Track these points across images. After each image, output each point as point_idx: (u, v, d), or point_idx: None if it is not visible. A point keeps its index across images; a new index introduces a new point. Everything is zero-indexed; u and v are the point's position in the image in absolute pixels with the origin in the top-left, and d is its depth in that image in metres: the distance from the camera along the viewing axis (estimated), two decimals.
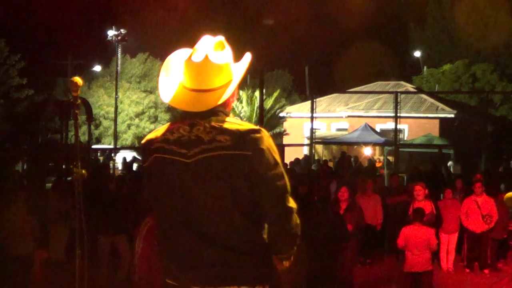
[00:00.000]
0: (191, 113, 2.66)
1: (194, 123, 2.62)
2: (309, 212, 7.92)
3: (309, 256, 7.31)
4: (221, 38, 2.72)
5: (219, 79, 2.66)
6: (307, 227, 7.48)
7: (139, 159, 27.97)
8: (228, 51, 2.71)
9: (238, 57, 2.79)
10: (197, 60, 2.63)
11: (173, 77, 2.76)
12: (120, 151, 31.42)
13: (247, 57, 2.76)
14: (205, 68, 2.63)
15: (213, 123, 2.60)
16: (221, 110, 2.66)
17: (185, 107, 2.68)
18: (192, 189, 2.55)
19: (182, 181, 2.57)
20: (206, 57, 2.62)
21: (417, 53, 44.63)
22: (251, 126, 2.62)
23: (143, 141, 2.75)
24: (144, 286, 5.99)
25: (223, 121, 2.61)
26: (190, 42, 2.79)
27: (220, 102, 2.63)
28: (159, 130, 2.72)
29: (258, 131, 2.59)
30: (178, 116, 2.74)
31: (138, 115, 38.79)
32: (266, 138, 2.59)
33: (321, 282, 7.65)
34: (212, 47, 2.66)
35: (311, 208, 8.16)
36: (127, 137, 38.21)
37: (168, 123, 2.75)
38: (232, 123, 2.62)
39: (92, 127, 31.32)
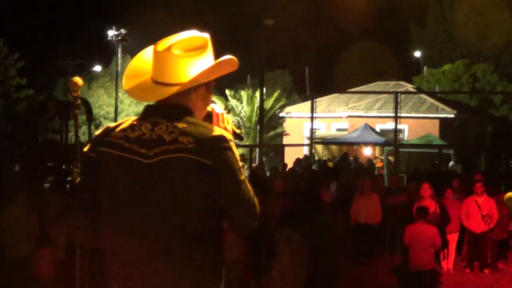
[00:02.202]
0: (154, 112, 2.53)
1: (156, 121, 2.48)
2: (311, 214, 7.94)
3: (310, 259, 7.32)
4: (204, 35, 2.57)
5: (180, 74, 2.50)
6: (311, 230, 7.52)
7: None
8: (203, 49, 2.54)
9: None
10: (159, 49, 2.51)
11: (146, 64, 2.63)
12: None
13: (225, 58, 2.56)
14: (166, 59, 2.50)
15: (176, 123, 2.45)
16: (186, 110, 2.52)
17: (136, 96, 2.59)
18: (150, 192, 2.41)
19: (139, 182, 2.42)
20: (169, 48, 2.49)
21: (417, 53, 44.63)
22: (216, 132, 2.47)
23: (98, 132, 2.59)
24: None
25: (188, 122, 2.46)
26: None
27: (171, 96, 2.48)
28: (119, 124, 2.56)
29: (222, 140, 2.44)
30: (142, 112, 2.59)
31: (138, 115, 38.79)
32: (232, 148, 2.46)
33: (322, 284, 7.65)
34: (182, 40, 2.52)
35: (313, 210, 8.18)
36: None
37: (130, 118, 2.59)
38: (197, 125, 2.46)
39: (92, 127, 31.29)
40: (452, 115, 28.87)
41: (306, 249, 7.70)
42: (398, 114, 20.08)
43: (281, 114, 33.72)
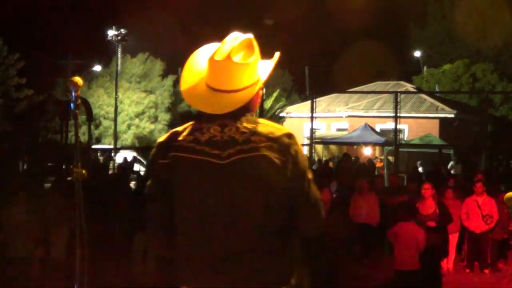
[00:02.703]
0: (218, 115, 2.56)
1: (224, 123, 2.53)
2: None
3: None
4: (249, 36, 2.62)
5: (243, 79, 2.56)
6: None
7: (139, 159, 27.99)
8: (255, 50, 2.60)
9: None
10: (218, 58, 2.53)
11: (197, 72, 2.65)
12: (120, 151, 31.43)
13: (276, 56, 2.69)
14: (227, 68, 2.53)
15: (245, 124, 2.53)
16: (249, 111, 2.58)
17: (204, 108, 2.58)
18: (225, 192, 2.47)
19: (214, 183, 2.48)
20: (228, 56, 2.52)
21: (417, 53, 44.63)
22: (284, 129, 2.57)
23: (163, 138, 2.61)
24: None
25: (255, 122, 2.55)
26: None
27: (242, 104, 2.54)
28: (181, 128, 2.59)
29: (290, 136, 2.54)
30: (204, 116, 2.59)
31: (138, 115, 38.79)
32: (297, 143, 2.56)
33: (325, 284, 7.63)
34: (236, 46, 2.55)
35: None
36: (127, 137, 38.22)
37: (192, 122, 2.62)
38: (264, 124, 2.56)
39: (92, 127, 31.30)
40: (452, 115, 28.89)
41: (320, 247, 7.69)
42: (398, 114, 20.08)
43: (281, 114, 33.75)
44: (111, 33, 38.01)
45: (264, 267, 2.48)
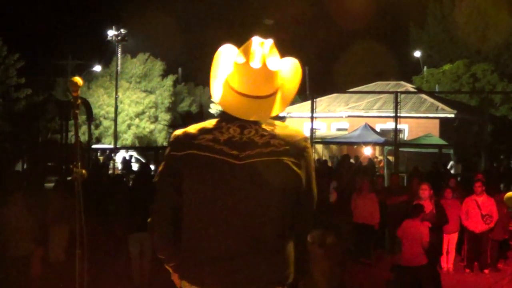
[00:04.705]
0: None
1: (244, 125, 2.57)
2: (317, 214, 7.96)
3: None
4: (271, 41, 2.64)
5: (274, 85, 2.61)
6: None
7: (139, 159, 28.00)
8: (277, 55, 2.64)
9: None
10: (256, 66, 2.54)
11: (221, 75, 2.65)
12: (120, 151, 31.44)
13: (295, 64, 2.71)
14: (263, 75, 2.56)
15: (264, 126, 2.58)
16: None
17: (241, 115, 2.58)
18: (238, 192, 2.50)
19: (229, 182, 2.50)
20: (265, 64, 2.55)
21: (417, 53, 44.64)
22: (301, 132, 2.66)
23: (180, 132, 2.64)
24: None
25: (273, 125, 2.60)
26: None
27: (277, 111, 2.61)
28: (199, 126, 2.62)
29: (306, 139, 2.65)
30: (223, 115, 2.63)
31: (138, 115, 38.81)
32: (309, 147, 2.65)
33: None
34: (269, 53, 2.58)
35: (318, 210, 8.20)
36: (127, 137, 38.24)
37: (210, 121, 2.65)
38: (283, 127, 2.63)
39: (92, 127, 31.33)
40: (452, 115, 28.87)
41: (339, 250, 7.72)
42: (398, 114, 20.06)
43: (281, 114, 33.74)
44: (111, 33, 38.02)
45: (266, 268, 2.51)
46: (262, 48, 2.58)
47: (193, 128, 2.63)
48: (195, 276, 2.54)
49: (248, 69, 2.55)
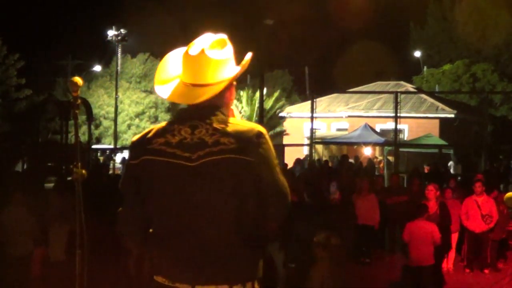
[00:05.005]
0: (189, 114, 2.62)
1: (195, 125, 2.56)
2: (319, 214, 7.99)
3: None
4: (223, 36, 2.68)
5: (216, 75, 2.60)
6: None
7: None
8: (228, 49, 2.66)
9: (239, 57, 2.75)
10: (193, 53, 2.59)
11: (173, 73, 2.71)
12: (120, 151, 31.45)
13: (248, 56, 2.72)
14: (201, 62, 2.58)
15: (214, 125, 2.54)
16: (220, 111, 2.61)
17: (180, 100, 2.65)
18: (196, 193, 2.50)
19: (186, 185, 2.51)
20: (202, 51, 2.58)
21: (417, 53, 44.64)
22: (254, 128, 2.58)
23: (136, 138, 2.67)
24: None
25: (225, 122, 2.57)
26: (190, 42, 2.74)
27: (213, 94, 2.58)
28: (155, 129, 2.63)
29: (261, 135, 2.56)
30: (175, 116, 2.68)
31: (138, 115, 38.82)
32: (268, 141, 2.58)
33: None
34: (210, 43, 2.62)
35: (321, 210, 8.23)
36: (127, 137, 38.23)
37: (164, 123, 2.67)
38: (234, 124, 2.58)
39: (92, 127, 31.33)
40: (452, 115, 28.88)
41: (344, 252, 7.71)
42: (398, 114, 20.07)
43: (281, 114, 33.75)
44: (111, 33, 38.04)
45: (233, 265, 2.53)
46: (204, 39, 2.63)
47: (149, 132, 2.64)
48: (164, 271, 2.58)
49: (187, 57, 2.61)
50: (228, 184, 2.49)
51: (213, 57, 2.59)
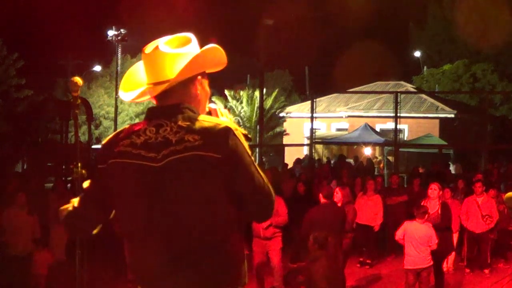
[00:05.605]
0: (155, 114, 2.53)
1: (160, 124, 2.47)
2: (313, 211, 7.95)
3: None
4: (188, 34, 2.60)
5: (174, 69, 2.50)
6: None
7: None
8: (191, 46, 2.56)
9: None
10: (148, 51, 2.53)
11: (139, 80, 2.63)
12: None
13: (208, 46, 2.58)
14: (156, 58, 2.51)
15: (180, 123, 2.44)
16: (187, 107, 2.50)
17: (139, 98, 2.60)
18: (162, 195, 2.40)
19: (151, 187, 2.41)
20: (156, 47, 2.51)
21: (417, 53, 44.65)
22: (220, 124, 2.46)
23: (105, 141, 2.58)
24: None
25: (190, 119, 2.46)
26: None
27: (169, 86, 2.49)
28: (123, 131, 2.55)
29: (227, 131, 2.43)
30: (145, 116, 2.58)
31: (138, 115, 38.80)
32: (238, 137, 2.46)
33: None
34: (167, 40, 2.56)
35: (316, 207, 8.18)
36: None
37: (131, 124, 2.60)
38: (201, 121, 2.46)
39: (92, 127, 31.32)
40: (452, 115, 28.88)
41: (340, 251, 7.70)
42: (398, 114, 20.07)
43: (281, 114, 33.74)
44: (111, 33, 38.02)
45: (207, 270, 2.42)
46: (161, 38, 2.58)
47: (118, 134, 2.57)
48: (141, 281, 2.52)
49: (144, 56, 2.55)
50: (195, 183, 2.39)
51: (168, 51, 2.51)
